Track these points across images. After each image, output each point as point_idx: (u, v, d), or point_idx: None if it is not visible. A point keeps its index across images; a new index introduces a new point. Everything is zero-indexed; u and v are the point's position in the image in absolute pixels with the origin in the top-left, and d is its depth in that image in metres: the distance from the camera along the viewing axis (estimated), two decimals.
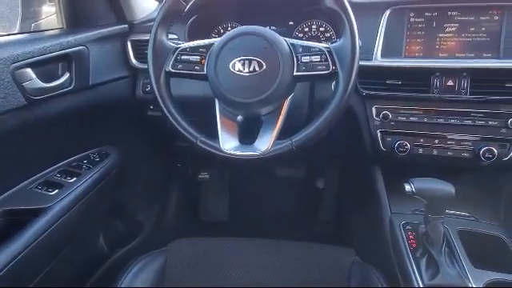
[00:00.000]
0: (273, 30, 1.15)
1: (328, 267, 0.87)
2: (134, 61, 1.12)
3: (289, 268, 0.88)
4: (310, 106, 1.04)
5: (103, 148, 1.11)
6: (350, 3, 0.99)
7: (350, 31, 0.77)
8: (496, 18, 0.94)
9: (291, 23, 1.15)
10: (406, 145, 0.99)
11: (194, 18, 1.08)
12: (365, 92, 1.00)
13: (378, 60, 0.98)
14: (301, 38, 1.15)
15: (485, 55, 0.95)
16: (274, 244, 0.95)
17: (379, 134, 1.01)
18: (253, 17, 1.10)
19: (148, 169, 1.38)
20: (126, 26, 1.13)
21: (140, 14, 1.16)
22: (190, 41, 0.87)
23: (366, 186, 1.13)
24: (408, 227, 0.93)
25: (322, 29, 1.14)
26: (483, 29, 0.95)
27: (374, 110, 1.01)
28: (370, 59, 0.99)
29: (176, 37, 1.09)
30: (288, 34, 1.15)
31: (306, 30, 1.15)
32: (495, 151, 0.93)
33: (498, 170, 0.97)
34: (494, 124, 0.94)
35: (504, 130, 0.94)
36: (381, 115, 1.00)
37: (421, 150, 1.00)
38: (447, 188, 0.79)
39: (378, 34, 0.99)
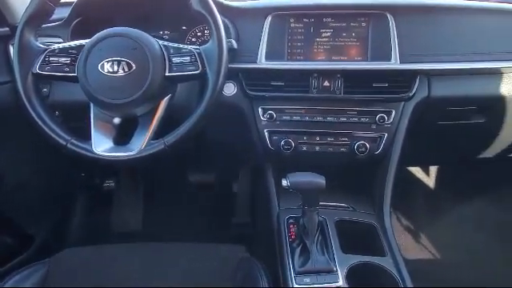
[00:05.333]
0: (166, 34, 1.18)
1: (216, 265, 0.89)
2: None
3: (177, 269, 0.88)
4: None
5: None
6: (232, 8, 1.05)
7: (217, 33, 0.80)
8: (363, 24, 1.03)
9: (184, 28, 1.17)
10: (291, 143, 1.04)
11: (77, 20, 1.06)
12: (251, 93, 1.05)
13: (263, 63, 1.03)
14: (194, 43, 1.17)
15: (355, 58, 1.03)
16: (165, 247, 0.95)
17: (266, 134, 1.06)
18: (145, 22, 1.10)
19: (43, 179, 1.31)
20: (7, 29, 1.07)
21: None
22: None
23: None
24: (291, 221, 0.98)
25: None
26: (353, 34, 1.03)
27: (260, 110, 1.06)
28: (255, 62, 1.03)
29: (61, 40, 1.06)
30: (181, 38, 1.16)
31: (199, 34, 1.17)
32: (367, 146, 1.02)
33: (371, 163, 1.06)
34: (365, 121, 1.03)
35: (374, 126, 1.03)
36: (267, 115, 1.05)
37: (305, 147, 1.06)
38: (318, 180, 0.84)
39: (262, 38, 1.04)
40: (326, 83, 1.02)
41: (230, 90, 1.06)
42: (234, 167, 1.66)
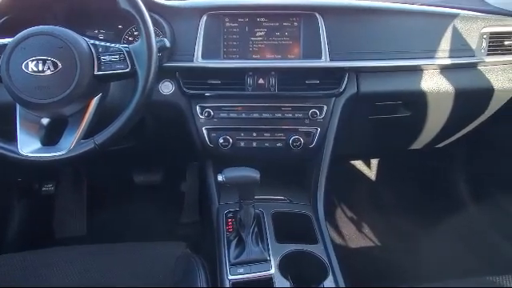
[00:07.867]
0: (101, 33, 1.16)
1: (155, 264, 0.89)
2: None
3: (116, 270, 0.87)
4: None
5: None
6: (167, 7, 1.06)
7: (145, 32, 0.81)
8: (295, 24, 1.07)
9: (120, 27, 1.16)
10: (229, 139, 1.06)
11: (4, 19, 1.02)
12: (189, 92, 1.06)
13: (199, 61, 1.04)
14: (131, 42, 1.16)
15: (289, 56, 1.07)
16: (103, 248, 0.94)
17: (205, 131, 1.08)
18: (80, 21, 1.08)
19: None
20: None
21: None
22: None
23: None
24: (230, 215, 1.00)
25: None
26: (286, 33, 1.07)
27: (198, 108, 1.07)
28: (191, 61, 1.05)
29: None
30: (117, 37, 1.15)
31: (136, 33, 1.16)
32: (302, 140, 1.07)
33: (306, 156, 1.11)
34: (299, 116, 1.07)
35: (307, 121, 1.07)
36: (205, 113, 1.07)
37: (242, 144, 1.08)
38: (252, 175, 0.87)
39: (198, 37, 1.05)
40: (261, 81, 1.06)
41: (168, 88, 1.07)
42: (178, 166, 1.66)
